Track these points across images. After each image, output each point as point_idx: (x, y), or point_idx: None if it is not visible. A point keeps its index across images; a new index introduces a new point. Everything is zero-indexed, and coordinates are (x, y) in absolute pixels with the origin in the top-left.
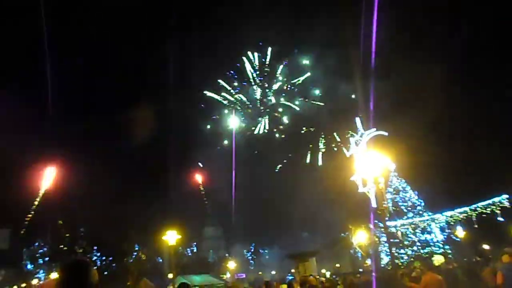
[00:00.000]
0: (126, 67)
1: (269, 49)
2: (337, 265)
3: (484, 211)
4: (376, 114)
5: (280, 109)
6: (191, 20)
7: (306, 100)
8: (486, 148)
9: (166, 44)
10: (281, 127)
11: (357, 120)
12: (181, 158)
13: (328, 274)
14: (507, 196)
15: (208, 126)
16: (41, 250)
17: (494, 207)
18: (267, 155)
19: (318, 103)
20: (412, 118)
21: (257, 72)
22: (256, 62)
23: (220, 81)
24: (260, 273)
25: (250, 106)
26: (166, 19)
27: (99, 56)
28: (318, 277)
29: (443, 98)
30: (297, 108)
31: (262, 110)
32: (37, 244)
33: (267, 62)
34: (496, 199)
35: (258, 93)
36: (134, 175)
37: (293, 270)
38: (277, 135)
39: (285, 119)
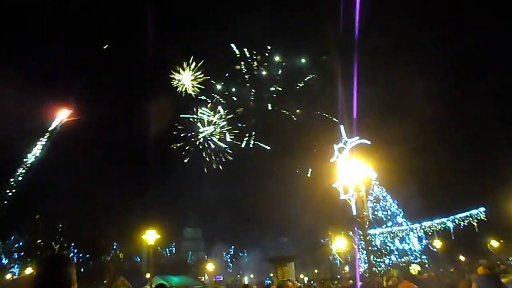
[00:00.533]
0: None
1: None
2: (316, 271)
3: (462, 222)
4: (360, 122)
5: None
6: None
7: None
8: (466, 160)
9: None
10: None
11: (341, 127)
12: (163, 155)
13: (306, 279)
14: (483, 209)
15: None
16: (17, 244)
17: (471, 219)
18: (252, 163)
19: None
20: (393, 128)
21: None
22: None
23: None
24: (238, 276)
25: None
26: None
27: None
28: (296, 282)
29: (425, 109)
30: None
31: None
32: (13, 238)
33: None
34: (474, 211)
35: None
36: (116, 171)
37: (271, 274)
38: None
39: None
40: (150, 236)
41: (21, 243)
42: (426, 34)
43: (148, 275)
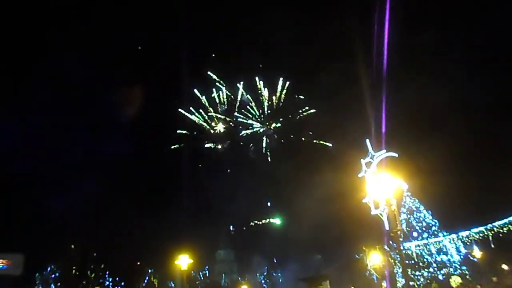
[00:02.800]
0: None
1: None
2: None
3: (501, 230)
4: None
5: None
6: None
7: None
8: (500, 167)
9: None
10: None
11: (367, 141)
12: (194, 181)
13: None
14: None
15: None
16: (53, 275)
17: (511, 226)
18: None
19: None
20: (426, 138)
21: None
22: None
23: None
24: None
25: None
26: None
27: None
28: None
29: (458, 118)
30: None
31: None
32: (49, 269)
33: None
34: None
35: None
36: (148, 197)
37: None
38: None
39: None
40: (183, 261)
41: (57, 274)
42: (459, 45)
43: None
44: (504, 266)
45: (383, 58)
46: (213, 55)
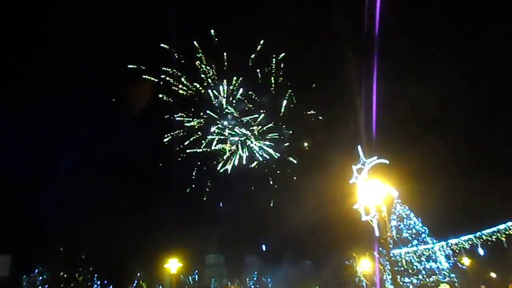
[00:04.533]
0: None
1: None
2: None
3: (490, 238)
4: (379, 140)
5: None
6: None
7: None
8: (490, 174)
9: None
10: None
11: (358, 147)
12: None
13: None
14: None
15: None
16: (41, 278)
17: (499, 234)
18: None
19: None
20: (415, 145)
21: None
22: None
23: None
24: None
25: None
26: None
27: None
28: None
29: (447, 124)
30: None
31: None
32: (37, 271)
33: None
34: (501, 226)
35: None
36: (138, 199)
37: None
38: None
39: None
40: (173, 265)
41: (45, 276)
42: (448, 47)
43: None
44: (493, 274)
45: (373, 62)
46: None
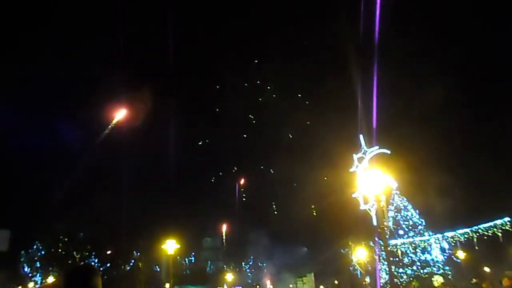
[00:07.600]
0: None
1: None
2: (336, 281)
3: (486, 233)
4: (379, 130)
5: None
6: None
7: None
8: (489, 169)
9: None
10: None
11: (360, 137)
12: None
13: None
14: (508, 218)
15: None
16: (39, 254)
17: (495, 229)
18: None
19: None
20: (415, 137)
21: None
22: None
23: None
24: (258, 286)
25: None
26: None
27: None
28: None
29: (447, 117)
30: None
31: None
32: (35, 247)
33: None
34: (498, 221)
35: None
36: (137, 178)
37: (291, 286)
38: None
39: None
40: (170, 246)
41: (43, 252)
42: (449, 40)
43: (167, 285)
44: (486, 269)
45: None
46: None
